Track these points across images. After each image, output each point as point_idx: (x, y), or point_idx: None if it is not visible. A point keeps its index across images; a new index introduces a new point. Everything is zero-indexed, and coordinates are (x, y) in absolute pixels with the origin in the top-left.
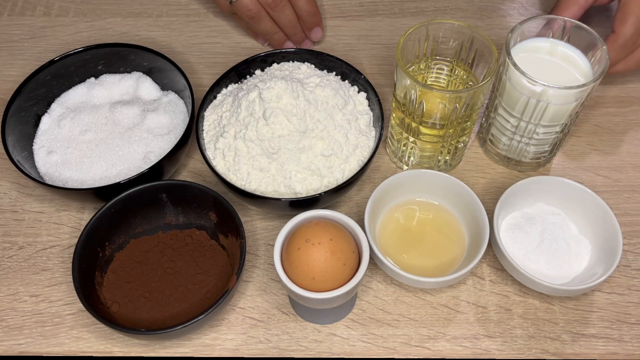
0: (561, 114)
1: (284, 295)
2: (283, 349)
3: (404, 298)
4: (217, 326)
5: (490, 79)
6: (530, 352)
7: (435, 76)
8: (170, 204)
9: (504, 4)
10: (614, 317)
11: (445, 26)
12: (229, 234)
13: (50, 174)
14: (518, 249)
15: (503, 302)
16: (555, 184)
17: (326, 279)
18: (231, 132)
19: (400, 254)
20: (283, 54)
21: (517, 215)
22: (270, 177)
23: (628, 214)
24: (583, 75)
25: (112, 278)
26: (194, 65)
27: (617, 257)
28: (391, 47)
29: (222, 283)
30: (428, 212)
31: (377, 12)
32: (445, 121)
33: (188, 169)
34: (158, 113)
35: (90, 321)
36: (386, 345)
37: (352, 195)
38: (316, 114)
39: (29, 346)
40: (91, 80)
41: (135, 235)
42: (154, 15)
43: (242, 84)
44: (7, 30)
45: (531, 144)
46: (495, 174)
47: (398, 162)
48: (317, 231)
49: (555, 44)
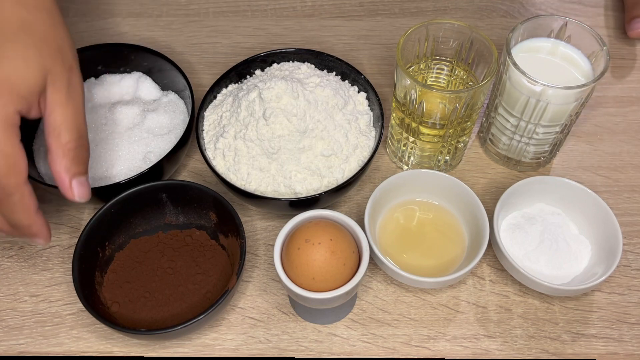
0: (561, 114)
1: (284, 295)
2: (283, 349)
3: (404, 298)
4: (217, 326)
5: (490, 79)
6: (530, 352)
7: (435, 76)
8: (171, 204)
9: (504, 4)
10: (614, 317)
11: (445, 26)
12: (229, 234)
13: (50, 174)
14: (518, 249)
15: (503, 302)
16: (555, 184)
17: (326, 279)
18: (231, 132)
19: (400, 254)
20: (283, 54)
21: (517, 215)
22: (270, 177)
23: (628, 214)
24: (583, 75)
25: (112, 278)
26: (194, 65)
27: (617, 257)
28: (391, 47)
29: (222, 283)
30: (428, 212)
31: (377, 12)
32: (445, 121)
33: (188, 169)
34: (158, 113)
35: (90, 321)
36: (386, 345)
37: (352, 195)
38: (316, 114)
39: (29, 346)
40: (91, 80)
41: (135, 235)
42: (154, 15)
43: (242, 84)
44: None
45: (531, 144)
46: (495, 174)
47: (398, 162)
48: (317, 231)
49: (556, 44)
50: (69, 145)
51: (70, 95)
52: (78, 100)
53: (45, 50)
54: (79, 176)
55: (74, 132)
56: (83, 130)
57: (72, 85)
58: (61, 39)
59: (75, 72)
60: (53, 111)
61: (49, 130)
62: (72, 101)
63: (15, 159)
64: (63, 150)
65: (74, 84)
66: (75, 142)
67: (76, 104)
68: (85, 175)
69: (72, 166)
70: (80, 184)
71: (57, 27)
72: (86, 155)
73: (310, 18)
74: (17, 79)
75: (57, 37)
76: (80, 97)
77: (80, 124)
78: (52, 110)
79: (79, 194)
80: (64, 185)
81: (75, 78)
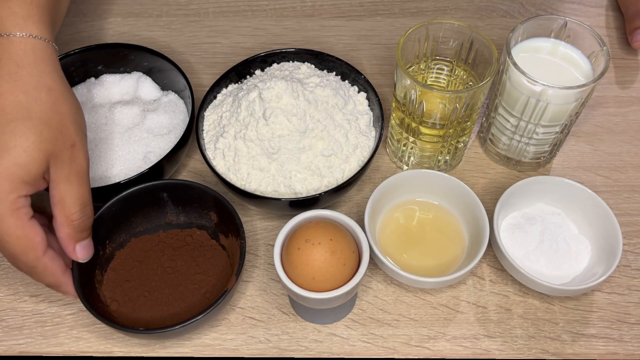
0: (561, 114)
1: (284, 295)
2: (283, 349)
3: (404, 298)
4: (217, 326)
5: (490, 79)
6: (530, 352)
7: (435, 76)
8: (172, 204)
9: (504, 4)
10: (614, 317)
11: (445, 26)
12: (229, 234)
13: None
14: (518, 249)
15: (503, 302)
16: (555, 184)
17: (326, 279)
18: (231, 132)
19: (400, 254)
20: (283, 54)
21: (517, 215)
22: (270, 177)
23: (628, 214)
24: (583, 76)
25: (112, 276)
26: (194, 65)
27: (617, 257)
28: (391, 47)
29: (221, 283)
30: (428, 212)
31: (377, 12)
32: (445, 121)
33: (188, 169)
34: (158, 113)
35: (90, 321)
36: (386, 345)
37: (352, 195)
38: (316, 114)
39: (29, 346)
40: (91, 80)
41: (136, 234)
42: (154, 15)
43: (242, 84)
44: None
45: (531, 144)
46: (495, 174)
47: (398, 162)
48: (317, 231)
49: (556, 44)
50: (73, 217)
51: (73, 170)
52: (82, 174)
53: (45, 133)
54: (82, 241)
55: (78, 204)
56: (87, 201)
57: (75, 160)
58: (62, 115)
59: (78, 147)
60: (57, 186)
61: (54, 201)
62: (75, 176)
63: (28, 238)
64: (67, 221)
65: (77, 159)
66: (80, 214)
67: (79, 177)
68: (88, 239)
69: (76, 234)
70: (83, 247)
71: (58, 105)
72: (89, 222)
73: (310, 18)
74: (19, 169)
75: (57, 115)
76: (83, 170)
77: (84, 196)
78: (56, 185)
79: (81, 256)
80: (68, 249)
81: (77, 153)
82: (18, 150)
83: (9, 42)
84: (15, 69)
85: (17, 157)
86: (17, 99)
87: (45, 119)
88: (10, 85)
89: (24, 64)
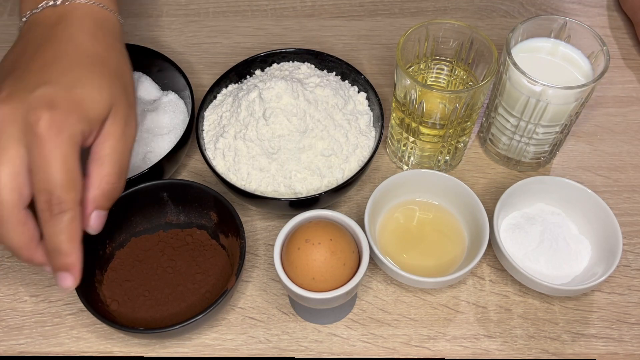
0: (561, 114)
1: (284, 295)
2: (283, 349)
3: (404, 298)
4: (217, 326)
5: (490, 79)
6: (530, 352)
7: (435, 76)
8: (172, 203)
9: (504, 4)
10: (614, 317)
11: (445, 26)
12: (229, 234)
13: None
14: (518, 249)
15: (503, 302)
16: (555, 184)
17: (326, 279)
18: (231, 132)
19: (400, 254)
20: (283, 54)
21: (517, 215)
22: (270, 177)
23: (628, 214)
24: (583, 76)
25: (112, 276)
26: (194, 65)
27: (617, 257)
28: (391, 47)
29: (221, 283)
30: (428, 212)
31: (377, 12)
32: (445, 121)
33: (188, 169)
34: (158, 113)
35: (90, 321)
36: (386, 345)
37: (352, 195)
38: (316, 113)
39: (29, 346)
40: None
41: (136, 234)
42: (154, 15)
43: (242, 84)
44: (7, 30)
45: (531, 144)
46: (495, 174)
47: (398, 162)
48: (317, 231)
49: (556, 44)
50: (107, 179)
51: (125, 132)
52: (130, 139)
53: (115, 84)
54: (101, 210)
55: (117, 167)
56: (124, 172)
57: (129, 122)
58: (128, 77)
59: (134, 112)
60: (105, 141)
61: (94, 157)
62: (125, 137)
63: (76, 175)
64: (99, 181)
65: (131, 122)
66: (114, 177)
67: (127, 141)
68: (106, 211)
69: (100, 199)
70: (98, 216)
71: (126, 67)
72: (117, 194)
73: (310, 18)
74: (89, 102)
75: (125, 75)
76: (132, 135)
77: (124, 165)
78: (104, 140)
79: (93, 224)
80: (86, 211)
81: (133, 116)
82: (92, 87)
83: (90, 8)
84: (94, 29)
85: (90, 92)
86: (96, 50)
87: (116, 73)
88: (90, 38)
89: (102, 27)
